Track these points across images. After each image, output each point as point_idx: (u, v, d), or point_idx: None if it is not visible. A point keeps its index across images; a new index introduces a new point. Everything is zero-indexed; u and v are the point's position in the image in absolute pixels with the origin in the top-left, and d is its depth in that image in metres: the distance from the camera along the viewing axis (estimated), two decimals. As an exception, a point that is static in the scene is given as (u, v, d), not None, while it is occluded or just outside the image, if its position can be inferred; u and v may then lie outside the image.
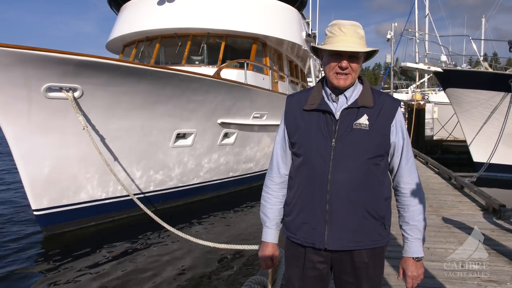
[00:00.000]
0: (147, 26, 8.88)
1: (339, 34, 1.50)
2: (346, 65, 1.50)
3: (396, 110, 1.57)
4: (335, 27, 1.52)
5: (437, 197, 6.29)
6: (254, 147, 8.67)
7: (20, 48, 4.41)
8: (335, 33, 1.51)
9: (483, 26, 33.94)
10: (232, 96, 7.16)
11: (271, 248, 1.73)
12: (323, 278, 1.63)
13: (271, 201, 1.70)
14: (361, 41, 1.51)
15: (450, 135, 16.34)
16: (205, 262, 4.88)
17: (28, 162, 5.22)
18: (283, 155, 1.68)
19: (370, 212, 1.53)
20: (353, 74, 1.52)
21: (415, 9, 26.06)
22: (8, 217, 6.66)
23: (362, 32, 1.53)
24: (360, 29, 1.53)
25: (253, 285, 2.50)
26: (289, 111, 1.66)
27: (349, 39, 1.48)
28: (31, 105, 4.96)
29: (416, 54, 24.72)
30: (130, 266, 4.77)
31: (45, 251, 5.21)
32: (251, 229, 6.41)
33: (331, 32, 1.52)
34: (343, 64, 1.49)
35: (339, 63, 1.50)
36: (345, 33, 1.49)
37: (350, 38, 1.49)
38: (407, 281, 1.62)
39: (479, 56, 13.09)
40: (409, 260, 1.60)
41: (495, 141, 9.53)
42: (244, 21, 8.87)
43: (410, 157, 1.61)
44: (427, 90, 26.31)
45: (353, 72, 1.52)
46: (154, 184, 6.83)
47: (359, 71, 1.56)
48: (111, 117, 5.73)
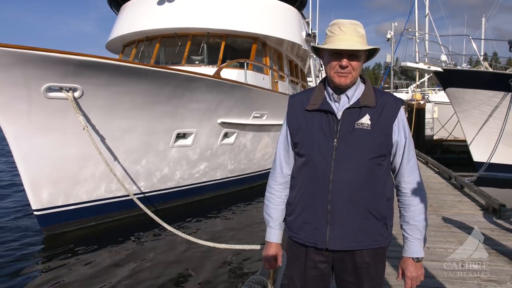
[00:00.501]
0: (147, 26, 8.88)
1: (339, 33, 1.50)
2: (346, 64, 1.50)
3: (399, 110, 1.57)
4: (335, 26, 1.52)
5: (437, 197, 6.29)
6: (254, 147, 8.67)
7: (20, 48, 4.41)
8: (335, 32, 1.51)
9: (483, 26, 33.95)
10: (232, 96, 7.16)
11: (275, 248, 1.73)
12: (324, 278, 1.63)
13: (275, 201, 1.71)
14: (361, 40, 1.51)
15: (450, 135, 16.33)
16: (205, 262, 4.88)
17: (28, 162, 5.21)
18: (286, 155, 1.69)
19: (372, 212, 1.53)
20: (354, 72, 1.52)
21: (415, 8, 26.07)
22: (8, 217, 6.66)
23: (362, 31, 1.53)
24: (360, 28, 1.53)
25: (253, 284, 2.50)
26: (291, 111, 1.66)
27: (349, 38, 1.49)
28: (31, 105, 4.96)
29: (416, 54, 24.73)
30: (130, 266, 4.77)
31: (45, 251, 5.21)
32: (251, 229, 6.41)
33: (331, 32, 1.53)
34: (343, 63, 1.49)
35: (339, 62, 1.50)
36: (345, 32, 1.49)
37: (349, 37, 1.49)
38: (405, 281, 1.61)
39: (479, 56, 13.10)
40: (408, 261, 1.59)
41: (495, 141, 9.54)
42: (244, 21, 8.87)
43: (411, 157, 1.60)
44: (427, 89, 26.31)
45: (354, 70, 1.52)
46: (154, 184, 6.82)
47: (360, 70, 1.56)
48: (111, 117, 5.73)
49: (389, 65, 32.94)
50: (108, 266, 4.76)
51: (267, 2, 9.68)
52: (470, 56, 23.14)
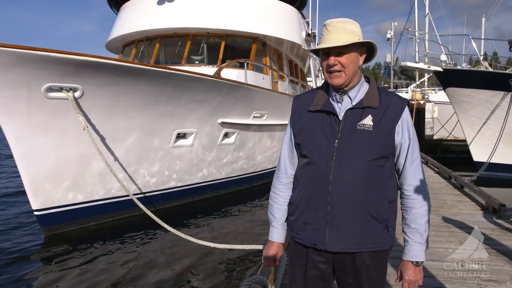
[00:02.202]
0: (147, 26, 8.87)
1: (325, 34, 1.51)
2: (333, 62, 1.49)
3: (403, 110, 1.54)
4: (323, 27, 1.54)
5: (437, 197, 6.29)
6: (254, 146, 8.67)
7: (20, 48, 4.40)
8: (323, 33, 1.53)
9: (483, 25, 33.97)
10: (233, 96, 7.15)
11: (276, 248, 1.74)
12: (325, 278, 1.63)
13: (278, 201, 1.71)
14: (348, 36, 1.48)
15: (450, 135, 16.32)
16: (205, 262, 4.88)
17: (28, 162, 5.21)
18: (290, 155, 1.69)
19: (372, 214, 1.51)
20: (346, 70, 1.50)
21: (415, 8, 26.09)
22: (9, 217, 6.66)
23: (351, 27, 1.50)
24: (350, 24, 1.51)
25: (253, 284, 2.50)
26: (295, 112, 1.66)
27: (333, 36, 1.48)
28: (31, 105, 4.95)
29: (416, 54, 24.72)
30: (130, 266, 4.77)
31: (46, 251, 5.21)
32: (251, 229, 6.41)
33: (322, 33, 1.54)
34: (330, 61, 1.49)
35: (328, 61, 1.50)
36: (330, 31, 1.50)
37: (334, 35, 1.48)
38: (403, 285, 1.59)
39: (479, 56, 13.09)
40: (408, 264, 1.57)
41: (495, 141, 9.53)
42: (244, 20, 8.86)
43: (415, 159, 1.57)
44: (427, 89, 26.29)
45: (345, 68, 1.49)
46: (154, 184, 6.83)
47: (354, 67, 1.51)
48: (111, 117, 5.73)
49: (389, 65, 32.97)
50: (108, 266, 4.76)
51: (267, 2, 9.67)
52: (470, 55, 23.06)
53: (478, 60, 14.74)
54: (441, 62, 12.25)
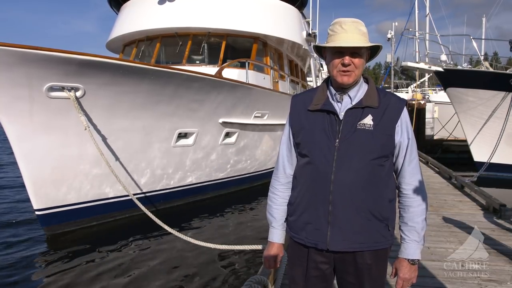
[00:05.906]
0: (147, 26, 8.88)
1: (340, 32, 1.50)
2: (348, 62, 1.49)
3: (402, 110, 1.56)
4: (336, 25, 1.52)
5: (438, 197, 6.30)
6: (255, 146, 8.68)
7: (22, 48, 4.40)
8: (337, 31, 1.51)
9: (483, 25, 33.95)
10: (234, 95, 7.16)
11: (276, 249, 1.74)
12: (326, 279, 1.64)
13: (277, 201, 1.71)
14: (363, 38, 1.51)
15: (451, 135, 16.31)
16: (205, 262, 4.89)
17: (30, 161, 5.22)
18: (288, 155, 1.69)
19: (373, 213, 1.53)
20: (356, 71, 1.52)
21: (415, 8, 26.03)
22: (10, 217, 6.67)
23: (364, 29, 1.53)
24: (362, 26, 1.53)
25: (253, 284, 2.51)
26: (293, 111, 1.66)
27: (350, 36, 1.48)
28: (33, 104, 4.96)
29: (417, 54, 24.67)
30: (131, 266, 4.78)
31: (47, 251, 5.23)
32: (251, 229, 6.42)
33: (333, 31, 1.53)
34: (345, 61, 1.49)
35: (342, 60, 1.50)
36: (346, 30, 1.49)
37: (351, 35, 1.49)
38: (397, 282, 1.61)
39: (479, 56, 13.07)
40: (403, 262, 1.59)
41: (495, 141, 9.53)
42: (244, 20, 8.87)
43: (413, 158, 1.59)
44: (427, 89, 26.30)
45: (357, 69, 1.51)
46: (155, 184, 6.83)
47: (362, 68, 1.55)
48: (112, 117, 5.74)
49: (389, 65, 32.96)
50: (108, 265, 4.77)
51: (268, 1, 9.68)
52: (470, 56, 23.05)
53: (479, 60, 14.73)
54: (441, 62, 12.23)
